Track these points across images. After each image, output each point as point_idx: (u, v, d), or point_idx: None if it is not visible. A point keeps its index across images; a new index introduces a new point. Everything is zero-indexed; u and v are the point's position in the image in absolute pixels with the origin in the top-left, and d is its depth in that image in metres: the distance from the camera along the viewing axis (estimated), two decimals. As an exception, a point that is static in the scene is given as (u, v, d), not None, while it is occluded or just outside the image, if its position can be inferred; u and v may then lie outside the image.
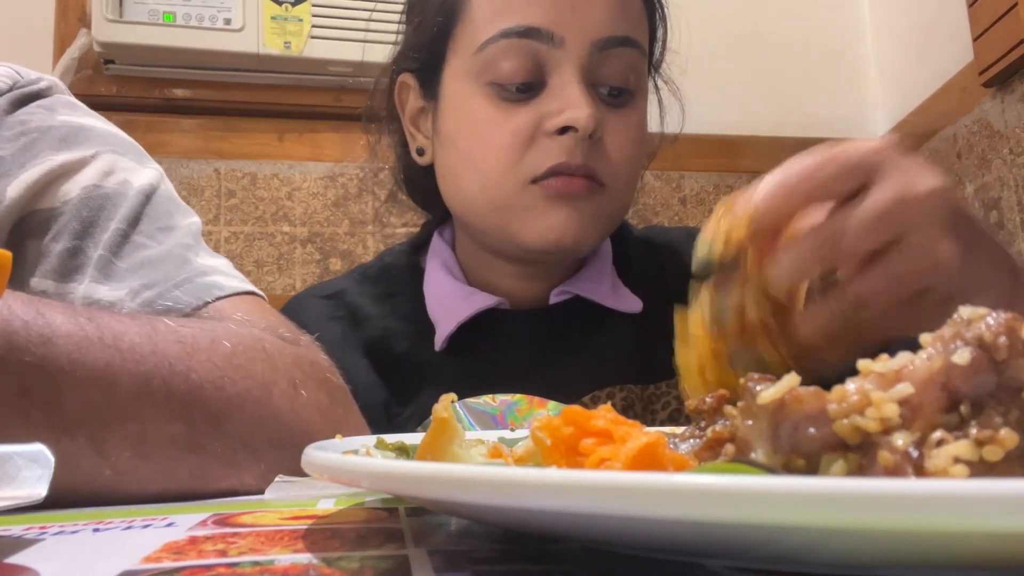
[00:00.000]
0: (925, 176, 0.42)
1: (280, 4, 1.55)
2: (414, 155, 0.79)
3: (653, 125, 0.86)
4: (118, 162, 0.58)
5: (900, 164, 0.42)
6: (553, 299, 0.78)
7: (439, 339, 0.75)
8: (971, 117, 1.52)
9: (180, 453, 0.42)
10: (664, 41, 0.83)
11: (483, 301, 0.76)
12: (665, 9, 0.81)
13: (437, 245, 0.81)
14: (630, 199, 0.78)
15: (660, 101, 0.87)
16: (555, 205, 0.69)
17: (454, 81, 0.73)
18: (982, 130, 1.50)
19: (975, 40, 1.46)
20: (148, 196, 0.57)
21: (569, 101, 0.68)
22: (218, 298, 0.53)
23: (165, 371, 0.42)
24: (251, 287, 0.57)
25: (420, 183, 0.83)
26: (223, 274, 0.56)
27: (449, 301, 0.77)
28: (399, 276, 0.82)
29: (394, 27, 0.86)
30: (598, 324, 0.78)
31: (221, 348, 0.45)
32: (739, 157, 1.77)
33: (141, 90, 1.55)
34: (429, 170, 0.78)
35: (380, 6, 1.57)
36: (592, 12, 0.70)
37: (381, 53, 0.88)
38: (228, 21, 1.53)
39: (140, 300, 0.51)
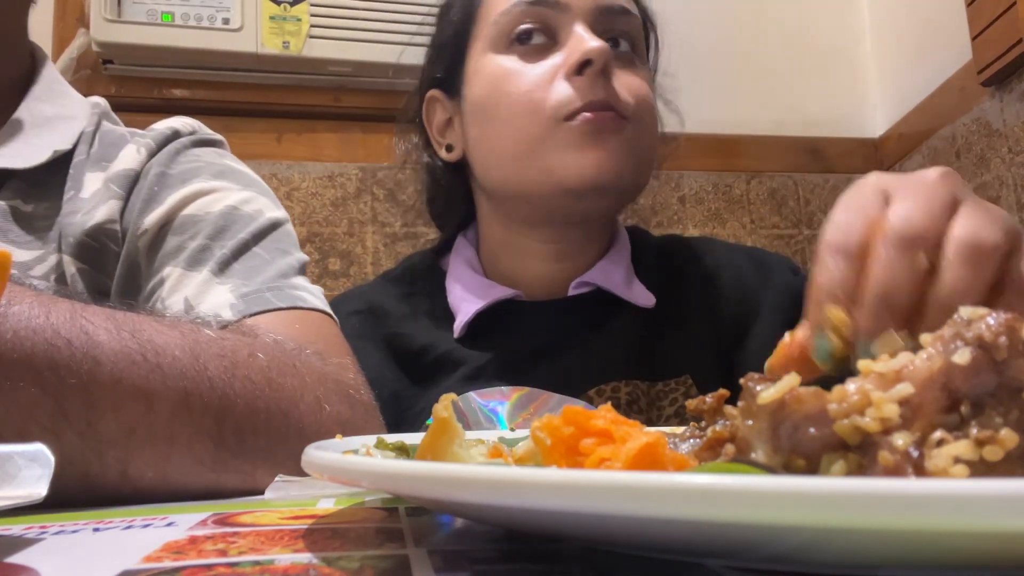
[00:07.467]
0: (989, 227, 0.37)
1: (279, 4, 1.55)
2: (442, 154, 0.86)
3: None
4: (258, 198, 0.69)
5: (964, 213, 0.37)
6: (572, 291, 0.82)
7: (458, 326, 0.81)
8: (970, 116, 1.52)
9: (202, 472, 0.42)
10: (657, 50, 0.90)
11: (500, 292, 0.82)
12: (655, 24, 0.90)
13: (460, 244, 0.88)
14: (655, 142, 0.83)
15: (663, 103, 0.90)
16: (589, 141, 0.74)
17: (479, 61, 0.81)
18: (981, 129, 1.50)
19: (973, 39, 1.46)
20: (275, 226, 0.67)
21: (581, 43, 0.75)
22: (299, 308, 0.59)
23: (205, 388, 0.43)
24: (326, 308, 0.63)
25: (444, 188, 0.89)
26: (311, 294, 0.63)
27: (469, 292, 0.83)
28: (421, 276, 0.89)
29: (393, 27, 0.92)
30: (609, 316, 0.82)
31: (257, 361, 0.47)
32: (738, 157, 1.77)
33: (140, 90, 1.55)
34: (453, 176, 0.86)
35: (379, 6, 1.57)
36: None
37: (380, 53, 0.88)
38: (227, 21, 1.53)
39: (238, 294, 0.59)
